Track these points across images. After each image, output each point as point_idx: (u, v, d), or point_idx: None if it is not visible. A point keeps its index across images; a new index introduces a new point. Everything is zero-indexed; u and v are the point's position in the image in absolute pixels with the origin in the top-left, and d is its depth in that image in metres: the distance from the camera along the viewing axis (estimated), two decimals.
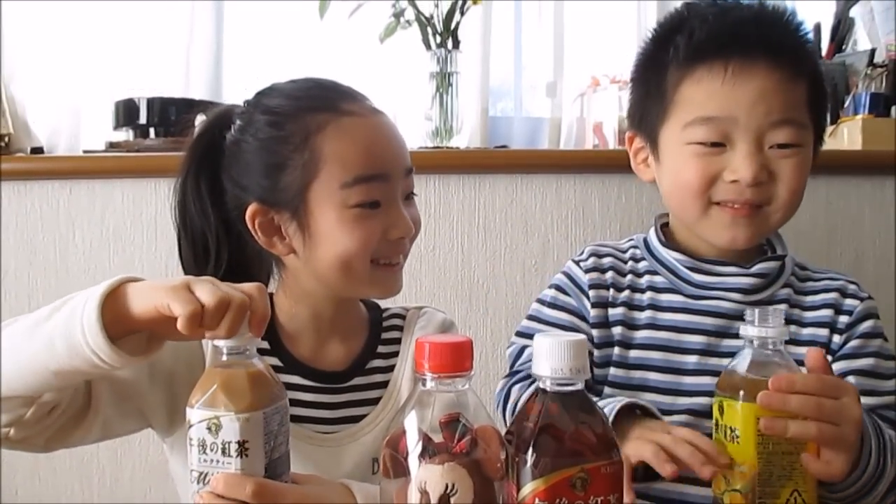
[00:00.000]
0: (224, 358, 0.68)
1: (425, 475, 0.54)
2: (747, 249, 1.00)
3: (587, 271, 1.03)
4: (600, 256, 1.05)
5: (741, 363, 0.75)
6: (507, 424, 0.94)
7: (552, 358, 0.58)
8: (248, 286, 0.71)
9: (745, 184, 0.93)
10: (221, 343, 0.68)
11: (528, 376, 0.97)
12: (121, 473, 1.47)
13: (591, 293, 1.02)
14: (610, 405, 0.85)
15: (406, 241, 0.93)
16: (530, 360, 0.97)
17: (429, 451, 0.55)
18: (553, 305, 1.04)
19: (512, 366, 1.04)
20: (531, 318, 1.06)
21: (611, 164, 1.49)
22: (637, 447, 0.79)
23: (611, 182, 1.50)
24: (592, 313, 1.01)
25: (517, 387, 0.98)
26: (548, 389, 0.59)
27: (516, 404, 0.96)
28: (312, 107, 0.90)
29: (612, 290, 1.03)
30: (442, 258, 1.49)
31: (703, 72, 0.95)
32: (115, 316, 0.69)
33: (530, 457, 0.57)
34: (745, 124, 0.93)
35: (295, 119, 0.89)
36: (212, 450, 0.64)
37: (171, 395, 0.88)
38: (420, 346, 0.56)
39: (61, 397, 0.78)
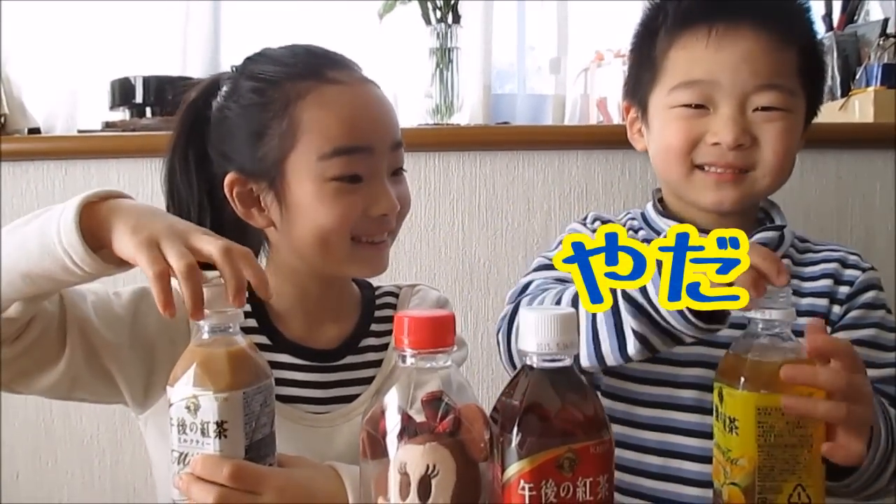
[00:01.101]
0: (205, 336, 0.66)
1: (405, 456, 0.52)
2: (744, 221, 0.98)
3: (594, 232, 1.01)
4: (604, 222, 1.05)
5: (743, 346, 0.69)
6: (509, 344, 0.91)
7: (539, 332, 0.55)
8: (237, 251, 0.68)
9: (726, 147, 0.93)
10: (202, 320, 0.65)
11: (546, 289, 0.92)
12: (121, 456, 1.46)
13: None
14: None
15: (390, 219, 0.88)
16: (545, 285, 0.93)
17: (409, 430, 0.53)
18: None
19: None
20: (537, 268, 1.01)
21: (614, 139, 1.45)
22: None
23: (614, 158, 1.47)
24: None
25: (526, 300, 0.92)
26: (534, 366, 0.56)
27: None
28: (296, 73, 0.86)
29: None
30: (442, 237, 1.47)
31: (688, 37, 0.95)
32: (93, 228, 0.68)
33: (515, 436, 0.54)
34: (728, 87, 0.93)
35: (277, 86, 0.86)
36: (191, 430, 0.62)
37: (150, 367, 0.85)
38: (399, 320, 0.54)
39: (29, 316, 0.75)
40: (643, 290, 0.74)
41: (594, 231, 1.02)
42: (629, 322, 0.76)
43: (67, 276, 0.69)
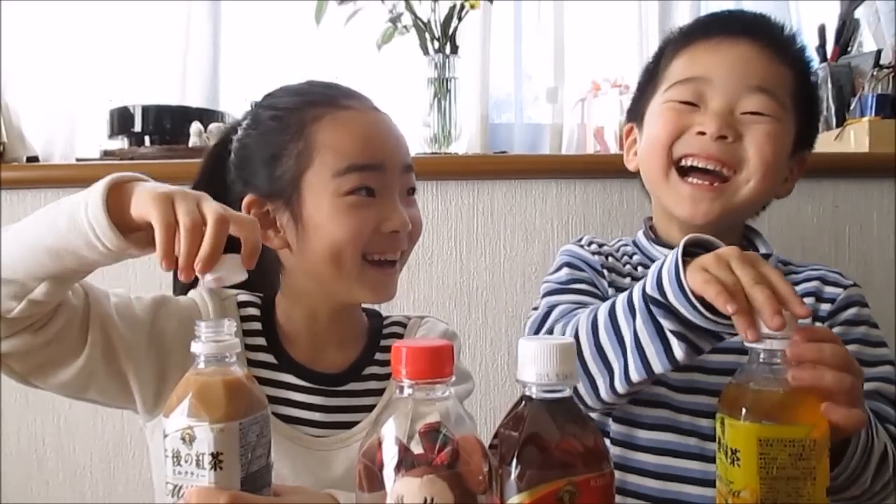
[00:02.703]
0: (201, 365, 0.64)
1: (402, 488, 0.51)
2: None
3: (594, 254, 1.03)
4: (599, 245, 1.05)
5: (744, 376, 0.68)
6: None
7: (538, 362, 0.55)
8: (242, 217, 0.71)
9: (710, 136, 0.94)
10: (198, 349, 0.64)
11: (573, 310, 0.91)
12: (114, 487, 1.44)
13: (606, 273, 1.01)
14: (671, 253, 0.75)
15: (401, 237, 0.90)
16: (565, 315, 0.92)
17: (406, 462, 0.52)
18: (571, 281, 0.99)
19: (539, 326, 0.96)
20: (548, 294, 0.99)
21: (611, 168, 1.46)
22: (699, 280, 0.69)
23: (612, 187, 1.47)
24: (610, 292, 0.99)
25: (559, 326, 0.89)
26: (533, 396, 0.56)
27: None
28: (312, 101, 0.91)
29: (614, 274, 1.02)
30: (440, 266, 1.46)
31: (689, 47, 0.99)
32: (120, 207, 0.70)
33: (514, 469, 0.54)
34: (720, 85, 0.95)
35: (294, 112, 0.91)
36: (186, 461, 0.61)
37: (163, 372, 0.87)
38: (396, 351, 0.53)
39: (55, 301, 0.77)
40: (660, 289, 0.74)
41: (591, 252, 1.03)
42: (665, 324, 0.75)
43: (90, 252, 0.71)
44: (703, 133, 0.94)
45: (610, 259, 1.03)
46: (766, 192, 0.97)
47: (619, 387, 0.80)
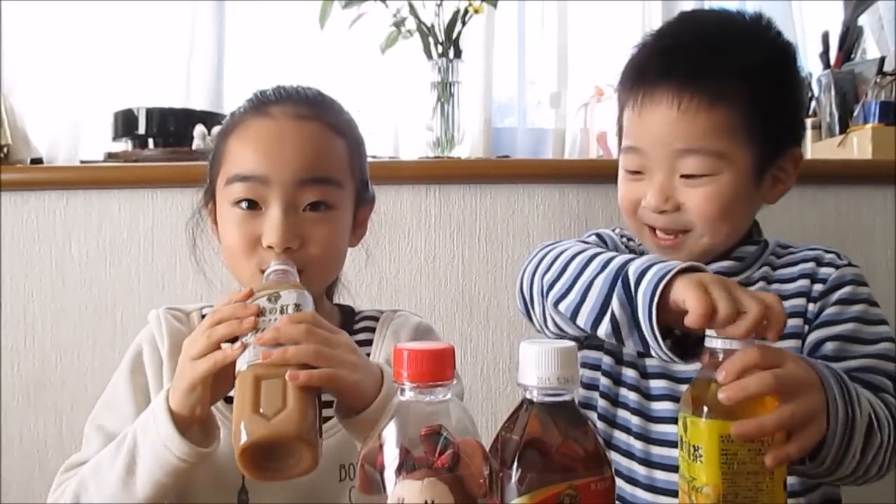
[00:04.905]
0: (272, 277, 0.80)
1: (403, 491, 0.51)
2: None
3: (620, 237, 1.06)
4: (629, 239, 1.07)
5: (706, 376, 0.70)
6: (522, 283, 0.98)
7: (539, 366, 0.55)
8: None
9: (651, 210, 0.95)
10: (270, 268, 0.82)
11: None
12: None
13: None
14: (664, 264, 0.78)
15: (279, 253, 0.86)
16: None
17: (407, 465, 0.52)
18: (588, 244, 0.98)
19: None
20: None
21: (614, 173, 1.44)
22: (687, 290, 0.72)
23: (614, 192, 1.44)
24: None
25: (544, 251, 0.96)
26: (534, 400, 0.56)
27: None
28: (244, 108, 0.93)
29: None
30: (442, 270, 1.47)
31: (626, 104, 0.98)
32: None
33: (515, 472, 0.54)
34: (652, 157, 0.95)
35: (232, 116, 0.94)
36: (270, 313, 0.74)
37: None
38: (398, 353, 0.53)
39: None
40: (638, 279, 0.78)
41: (622, 242, 1.05)
42: (614, 303, 0.80)
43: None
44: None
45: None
46: (731, 232, 0.97)
47: (549, 308, 0.88)
